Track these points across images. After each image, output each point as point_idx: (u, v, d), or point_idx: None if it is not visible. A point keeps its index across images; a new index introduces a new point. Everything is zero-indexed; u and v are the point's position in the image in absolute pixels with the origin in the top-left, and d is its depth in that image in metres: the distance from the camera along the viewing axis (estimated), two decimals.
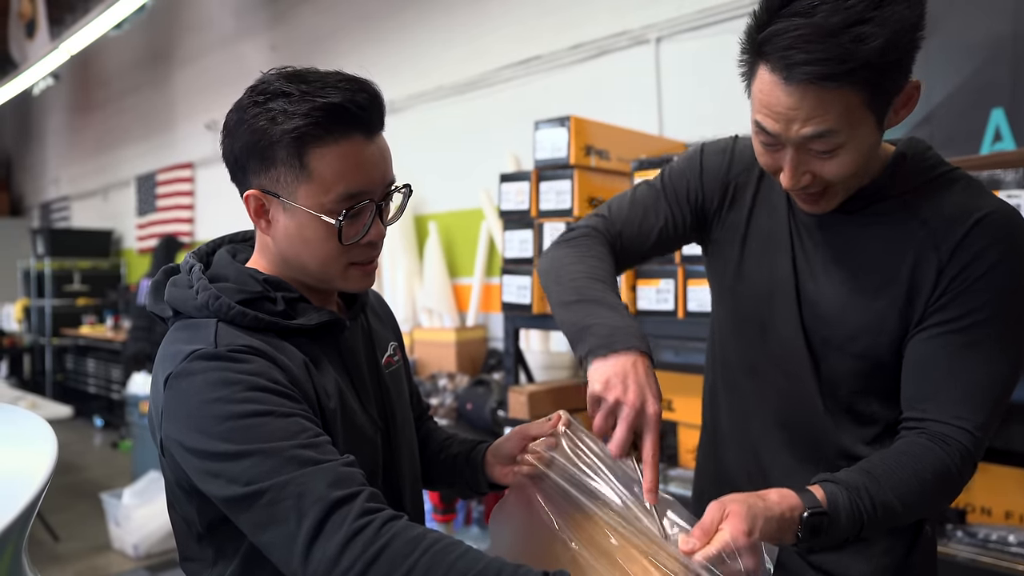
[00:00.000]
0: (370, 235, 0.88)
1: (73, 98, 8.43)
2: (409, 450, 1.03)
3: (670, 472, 2.10)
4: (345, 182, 0.84)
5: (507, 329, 2.45)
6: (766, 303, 1.06)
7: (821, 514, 0.83)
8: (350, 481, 0.75)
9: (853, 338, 0.98)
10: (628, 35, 2.96)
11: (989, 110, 2.01)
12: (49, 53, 5.47)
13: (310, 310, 0.91)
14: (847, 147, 0.86)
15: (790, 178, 0.90)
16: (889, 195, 0.96)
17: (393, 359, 1.05)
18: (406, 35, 4.05)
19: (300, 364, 0.86)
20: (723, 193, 1.11)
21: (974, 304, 0.91)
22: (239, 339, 0.83)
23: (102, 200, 8.00)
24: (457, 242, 3.75)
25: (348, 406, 0.90)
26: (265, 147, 0.84)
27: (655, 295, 2.05)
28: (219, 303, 0.85)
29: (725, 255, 1.11)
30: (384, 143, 0.89)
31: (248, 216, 0.89)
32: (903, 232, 0.95)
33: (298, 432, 0.77)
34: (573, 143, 2.22)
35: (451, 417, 2.88)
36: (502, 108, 3.52)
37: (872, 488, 0.87)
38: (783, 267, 1.03)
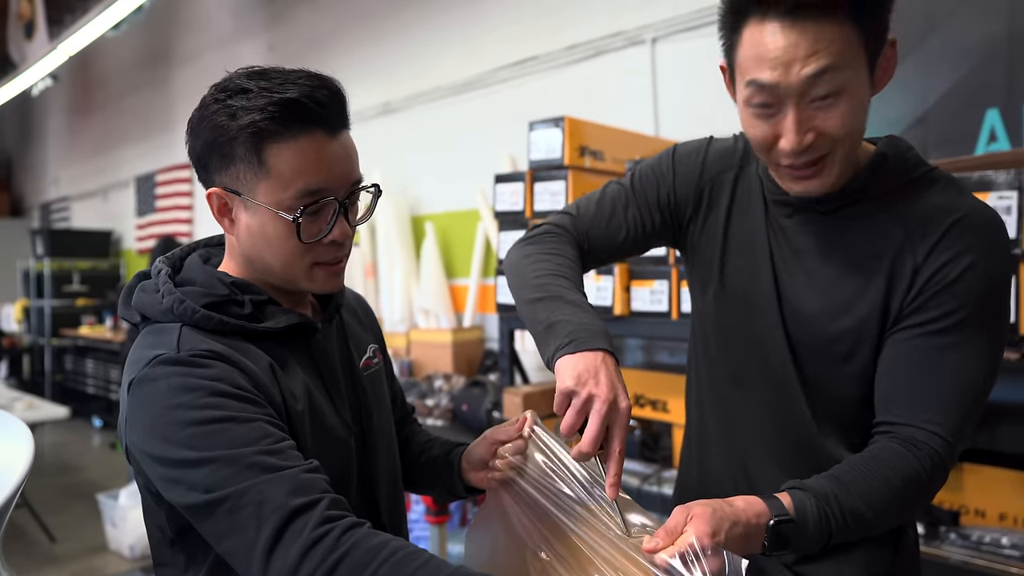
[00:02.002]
0: (333, 234, 0.86)
1: (73, 99, 8.43)
2: (388, 453, 1.02)
3: (664, 474, 2.09)
4: (304, 178, 0.83)
5: (502, 330, 2.45)
6: (748, 311, 1.05)
7: (788, 522, 0.82)
8: (311, 488, 0.74)
9: (836, 341, 0.97)
10: (624, 36, 2.96)
11: (984, 111, 2.00)
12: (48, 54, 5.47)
13: (278, 313, 0.90)
14: (847, 93, 0.84)
15: (794, 136, 0.86)
16: (868, 195, 0.95)
17: (372, 361, 1.04)
18: (404, 35, 4.04)
19: (265, 367, 0.85)
20: (697, 198, 1.09)
21: (949, 307, 0.90)
22: (202, 343, 0.82)
23: (102, 201, 8.00)
24: (454, 243, 3.75)
25: (318, 408, 0.89)
26: (224, 144, 0.83)
27: (649, 296, 2.04)
28: (183, 307, 0.85)
29: (706, 261, 1.10)
30: (349, 141, 0.88)
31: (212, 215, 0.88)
32: (881, 233, 0.94)
33: (260, 438, 0.76)
34: (567, 144, 2.22)
35: (447, 418, 2.87)
36: (498, 109, 3.52)
37: (841, 495, 0.86)
38: (764, 273, 1.02)
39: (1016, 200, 1.41)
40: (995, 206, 1.43)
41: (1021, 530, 1.61)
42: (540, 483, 0.90)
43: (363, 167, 0.90)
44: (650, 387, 2.27)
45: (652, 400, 2.26)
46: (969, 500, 1.70)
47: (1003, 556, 1.53)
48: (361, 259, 3.98)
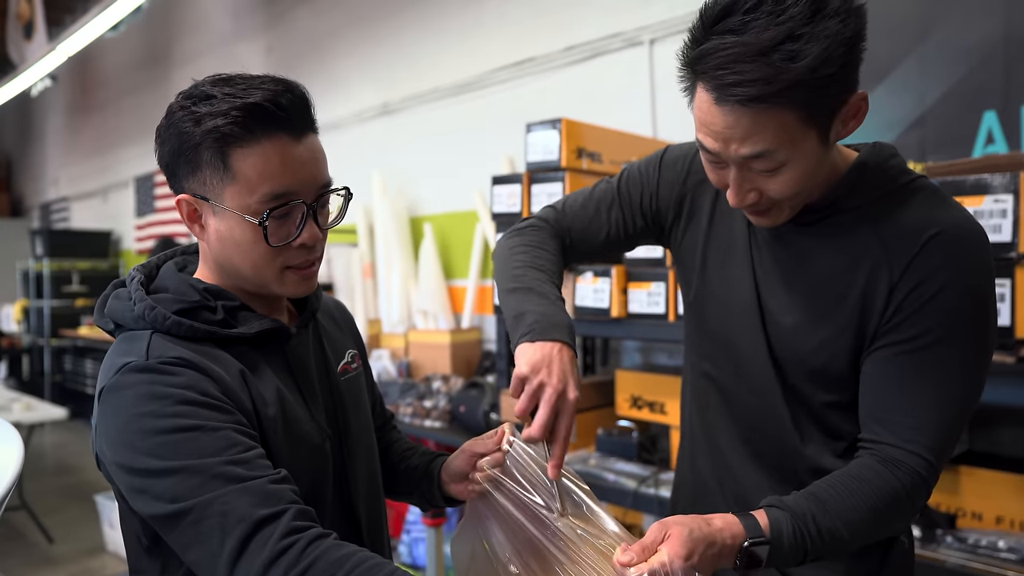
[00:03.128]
0: (302, 237, 0.87)
1: (72, 99, 8.43)
2: (366, 458, 1.03)
3: (661, 476, 2.09)
4: (269, 182, 0.83)
5: (500, 331, 2.45)
6: (729, 319, 1.05)
7: (762, 543, 0.83)
8: (277, 498, 0.74)
9: (813, 353, 0.97)
10: (621, 37, 2.96)
11: (981, 113, 2.00)
12: (47, 54, 5.47)
13: (251, 318, 0.90)
14: (790, 164, 0.85)
15: (735, 196, 0.89)
16: (848, 206, 0.94)
17: (350, 366, 1.04)
18: (402, 37, 4.04)
19: (235, 374, 0.85)
20: (679, 206, 1.10)
21: (926, 325, 0.89)
22: (171, 351, 0.82)
23: (101, 201, 8.00)
24: (452, 244, 3.75)
25: (291, 414, 0.89)
26: (190, 149, 0.84)
27: (646, 298, 2.04)
28: (154, 313, 0.85)
29: (687, 268, 1.11)
30: (316, 144, 0.88)
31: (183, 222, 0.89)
32: (860, 246, 0.93)
33: (227, 447, 0.76)
34: (564, 145, 2.22)
35: (444, 420, 2.87)
36: (497, 110, 3.52)
37: (819, 514, 0.86)
38: (744, 283, 1.03)
39: (1012, 204, 1.40)
40: (991, 210, 1.43)
41: (1018, 533, 1.61)
42: (516, 496, 0.91)
43: (362, 168, 0.91)
44: (647, 389, 2.27)
45: (649, 402, 2.26)
46: (966, 503, 1.70)
47: (1000, 559, 1.52)
48: (359, 260, 3.98)
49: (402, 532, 3.25)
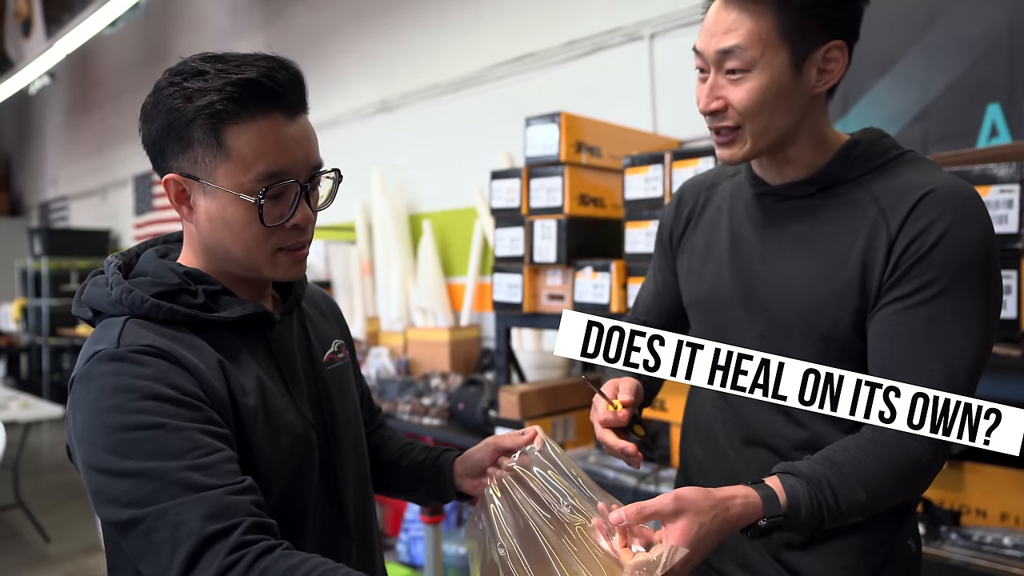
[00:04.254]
0: (296, 218, 0.85)
1: (71, 98, 8.42)
2: (354, 450, 1.00)
3: (662, 473, 2.07)
4: (265, 160, 0.82)
5: (498, 328, 2.42)
6: (719, 314, 1.07)
7: (779, 518, 0.82)
8: (232, 512, 0.71)
9: (815, 322, 0.96)
10: (622, 31, 2.93)
11: (985, 106, 1.98)
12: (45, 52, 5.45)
13: (233, 303, 0.88)
14: (756, 72, 0.92)
15: (704, 98, 0.96)
16: (843, 179, 0.97)
17: (337, 356, 1.02)
18: (400, 33, 4.02)
19: (213, 362, 0.82)
20: (669, 235, 1.21)
21: (929, 276, 0.89)
22: (144, 338, 0.80)
23: (100, 200, 7.99)
24: (451, 241, 3.73)
25: (272, 403, 0.87)
26: (181, 127, 0.82)
27: None
28: (132, 297, 0.83)
29: (681, 277, 1.18)
30: (308, 125, 0.87)
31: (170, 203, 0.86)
32: (856, 211, 0.95)
33: (189, 450, 0.74)
34: (564, 139, 2.19)
35: (443, 417, 2.85)
36: (496, 106, 3.50)
37: (835, 479, 0.85)
38: (726, 274, 1.06)
39: (1018, 193, 1.38)
40: (996, 200, 1.40)
41: (1023, 530, 1.59)
42: (534, 503, 0.88)
43: (360, 165, 0.90)
44: None
45: None
46: (970, 500, 1.67)
47: (1005, 556, 1.50)
48: (358, 257, 3.96)
49: (400, 531, 3.23)
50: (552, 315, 2.26)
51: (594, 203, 2.27)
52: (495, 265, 2.34)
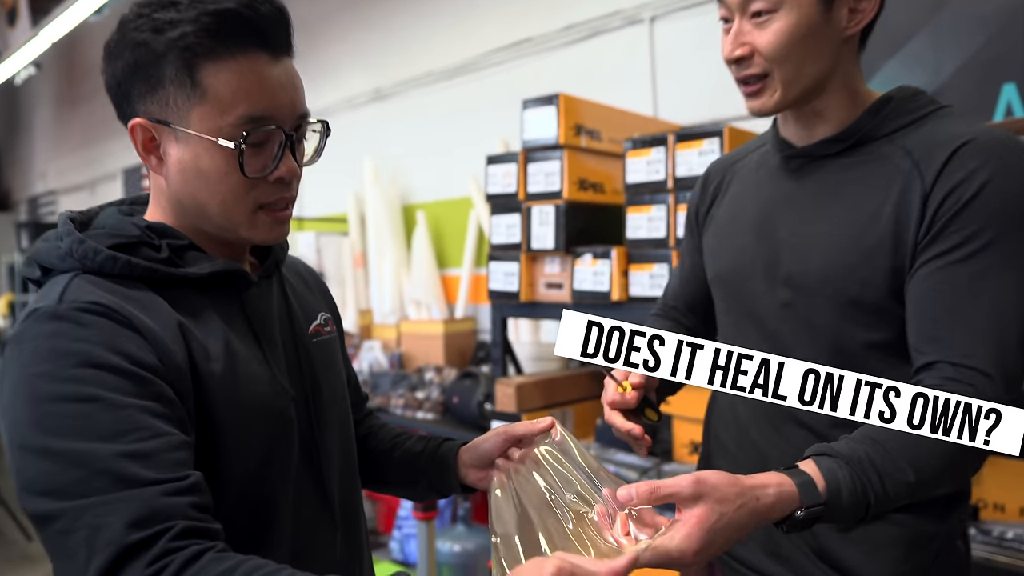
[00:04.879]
0: (280, 170, 0.77)
1: (59, 91, 8.31)
2: (341, 430, 0.92)
3: (663, 468, 2.00)
4: (246, 103, 0.73)
5: (494, 318, 2.35)
6: (741, 287, 1.02)
7: (818, 507, 0.72)
8: (163, 515, 0.62)
9: (842, 286, 0.89)
10: (621, 15, 2.86)
11: (1000, 85, 1.91)
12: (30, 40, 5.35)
13: (202, 259, 0.79)
14: (782, 12, 0.88)
15: (729, 45, 0.92)
16: (875, 136, 0.92)
17: (324, 329, 0.93)
18: (394, 20, 3.94)
19: (171, 324, 0.73)
20: (695, 214, 1.16)
21: (969, 230, 0.82)
22: (90, 294, 0.70)
23: (89, 194, 7.87)
24: (446, 232, 3.65)
25: (244, 371, 0.78)
26: (150, 63, 0.73)
27: (648, 280, 1.94)
28: (83, 248, 0.74)
29: (705, 256, 1.13)
30: (294, 70, 0.79)
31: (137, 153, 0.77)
32: (887, 166, 0.89)
33: (126, 432, 0.64)
34: (562, 123, 2.11)
35: (437, 411, 2.78)
36: (492, 93, 3.42)
37: (879, 459, 0.76)
38: (749, 245, 1.01)
39: None
40: None
41: None
42: (540, 489, 0.80)
43: (353, 155, 0.82)
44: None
45: None
46: (988, 494, 1.61)
47: None
48: (350, 249, 3.88)
49: (393, 528, 3.16)
50: (550, 304, 2.19)
51: (594, 188, 2.19)
52: (491, 253, 2.27)
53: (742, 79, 0.93)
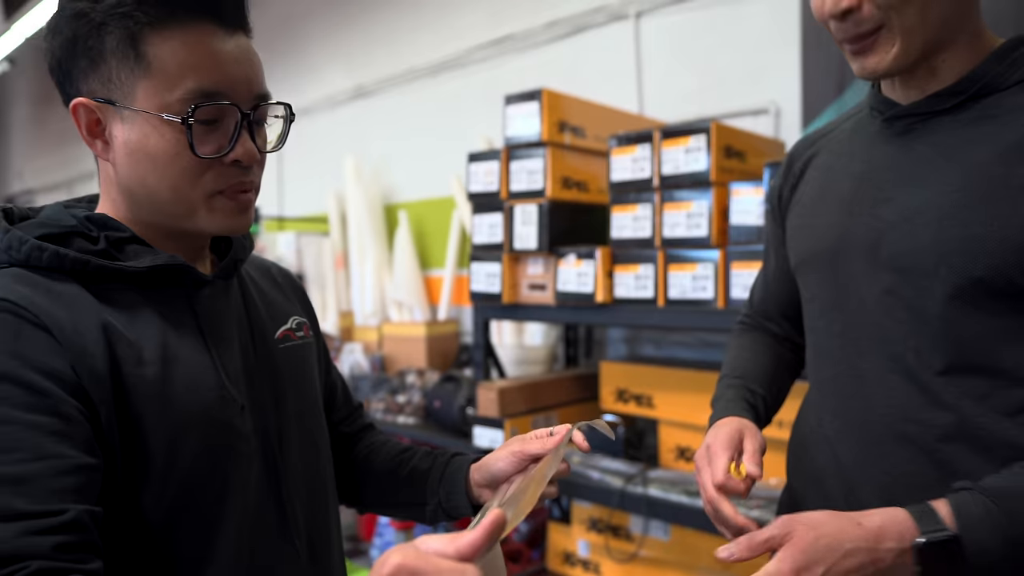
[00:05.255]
0: (236, 152, 0.71)
1: (35, 88, 8.19)
2: (307, 445, 0.84)
3: (649, 474, 1.94)
4: (195, 75, 0.68)
5: (476, 320, 2.29)
6: (832, 272, 0.87)
7: (945, 537, 0.62)
8: (15, 557, 0.55)
9: (963, 265, 0.74)
10: (606, 11, 2.81)
11: None
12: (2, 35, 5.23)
13: (143, 252, 0.72)
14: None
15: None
16: (998, 85, 0.76)
17: (295, 334, 0.86)
18: (375, 16, 3.87)
19: (93, 324, 0.67)
20: (778, 197, 1.04)
21: None
22: (4, 288, 0.65)
23: (67, 193, 7.73)
24: (428, 232, 3.59)
25: (184, 377, 0.71)
26: (89, 34, 0.67)
27: (633, 281, 1.89)
28: (8, 237, 0.68)
29: (789, 243, 1.00)
30: (251, 48, 0.74)
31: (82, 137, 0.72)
32: (1017, 122, 0.74)
33: (4, 451, 0.58)
34: (546, 119, 2.06)
35: (419, 415, 2.71)
36: (475, 91, 3.36)
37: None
38: (840, 222, 0.87)
39: None
40: None
41: None
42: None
43: (334, 154, 0.76)
44: (633, 381, 2.12)
45: (636, 395, 2.11)
46: None
47: None
48: (331, 249, 3.81)
49: (374, 535, 3.09)
50: (533, 306, 2.13)
51: (578, 187, 2.13)
52: (472, 253, 2.21)
53: (848, 39, 0.77)
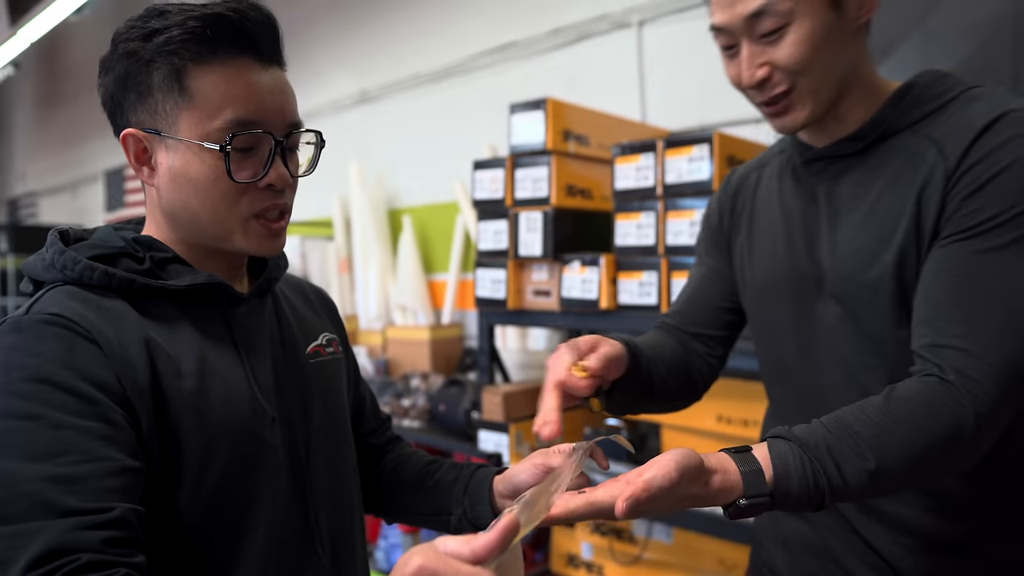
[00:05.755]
0: (270, 176, 0.76)
1: (39, 91, 8.22)
2: (333, 457, 0.88)
3: None
4: (234, 107, 0.73)
5: (481, 325, 2.32)
6: (782, 303, 0.96)
7: (762, 498, 0.68)
8: (71, 548, 0.58)
9: (884, 289, 0.84)
10: (609, 19, 2.84)
11: None
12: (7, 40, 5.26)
13: (184, 272, 0.78)
14: (796, 22, 0.82)
15: (746, 71, 0.86)
16: (899, 127, 0.86)
17: (325, 350, 0.91)
18: (380, 22, 3.90)
19: (136, 339, 0.72)
20: (719, 219, 1.11)
21: (991, 210, 0.76)
22: (56, 305, 0.71)
23: (70, 196, 7.78)
24: (432, 237, 3.61)
25: (218, 389, 0.76)
26: (139, 71, 0.74)
27: (638, 288, 1.92)
28: (64, 258, 0.74)
29: (739, 277, 1.06)
30: (284, 79, 0.80)
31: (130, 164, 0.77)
32: (913, 158, 0.84)
33: (58, 453, 0.62)
34: (550, 128, 2.09)
35: (423, 419, 2.74)
36: (479, 97, 3.39)
37: (836, 443, 0.69)
38: (783, 257, 0.96)
39: None
40: None
41: None
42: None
43: (338, 158, 0.82)
44: None
45: None
46: None
47: None
48: (336, 253, 3.84)
49: (379, 537, 3.11)
50: (538, 312, 2.16)
51: (582, 194, 2.16)
52: (478, 260, 2.23)
53: (764, 102, 0.88)
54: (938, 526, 0.85)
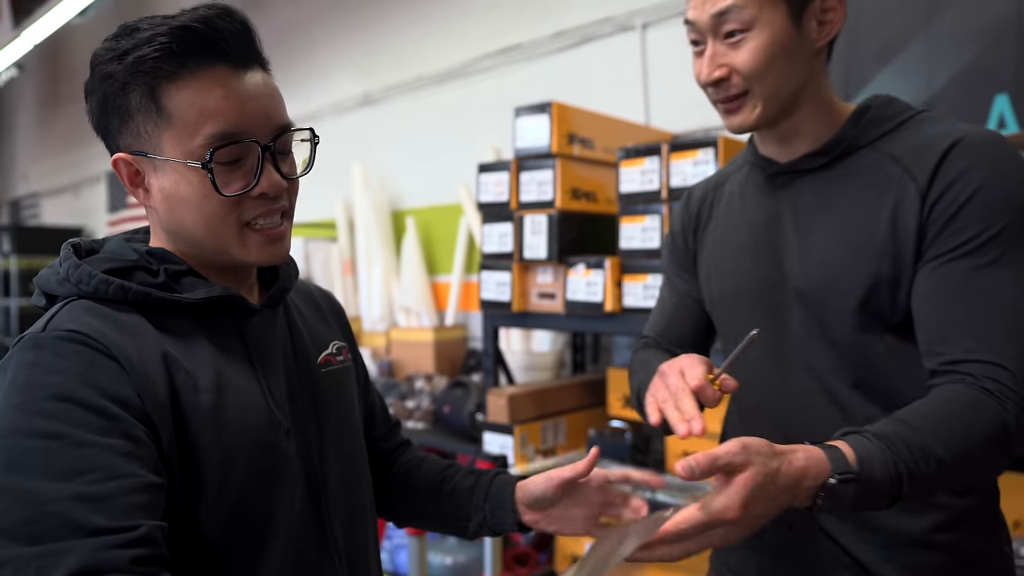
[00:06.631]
0: (261, 186, 0.74)
1: (42, 92, 8.21)
2: (347, 465, 0.89)
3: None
4: (212, 120, 0.71)
5: (485, 328, 2.33)
6: (748, 311, 1.00)
7: (851, 477, 0.71)
8: (97, 570, 0.58)
9: (851, 298, 0.89)
10: (612, 22, 2.84)
11: (993, 96, 1.91)
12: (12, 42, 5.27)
13: (199, 284, 0.77)
14: (756, 30, 0.89)
15: (706, 68, 0.93)
16: (857, 145, 0.93)
17: (335, 358, 0.91)
18: (383, 24, 3.91)
19: (155, 353, 0.71)
20: (683, 239, 1.15)
21: (973, 229, 0.82)
22: (74, 321, 0.70)
23: (73, 197, 7.78)
24: (436, 238, 3.62)
25: (235, 402, 0.75)
26: (117, 94, 0.72)
27: (642, 291, 1.93)
28: (79, 272, 0.73)
29: (701, 283, 1.11)
30: (266, 80, 0.77)
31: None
32: (877, 174, 0.90)
33: (83, 472, 0.62)
34: (555, 131, 2.10)
35: (428, 420, 2.75)
36: (482, 99, 3.40)
37: (906, 435, 0.74)
38: (749, 267, 1.00)
39: None
40: None
41: None
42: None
43: (342, 160, 0.80)
44: None
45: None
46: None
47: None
48: (339, 255, 3.84)
49: (383, 539, 3.12)
50: (542, 315, 2.17)
51: (587, 197, 2.17)
52: (482, 262, 2.24)
53: (720, 100, 0.95)
54: (903, 521, 0.89)
